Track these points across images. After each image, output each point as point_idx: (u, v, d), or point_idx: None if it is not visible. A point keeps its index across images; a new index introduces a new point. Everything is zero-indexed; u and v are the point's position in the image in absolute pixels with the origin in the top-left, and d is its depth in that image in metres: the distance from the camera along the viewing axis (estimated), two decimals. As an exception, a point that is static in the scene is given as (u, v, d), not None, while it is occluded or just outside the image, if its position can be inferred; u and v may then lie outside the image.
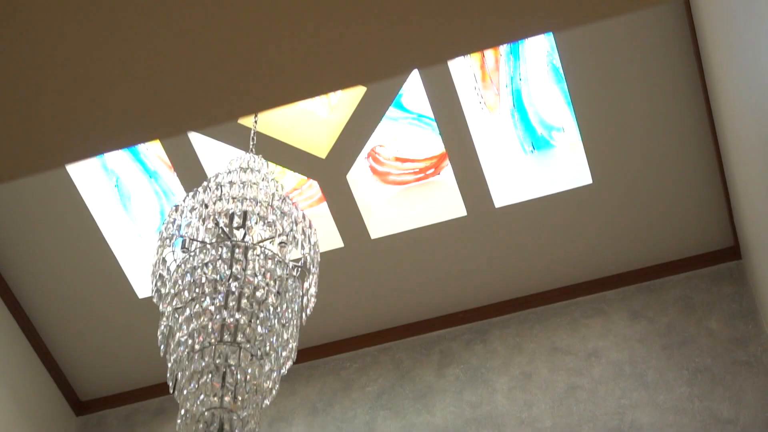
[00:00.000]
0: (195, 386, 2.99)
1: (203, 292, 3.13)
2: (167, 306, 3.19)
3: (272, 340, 3.14)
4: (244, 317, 3.10)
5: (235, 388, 3.00)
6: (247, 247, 3.23)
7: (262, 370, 3.09)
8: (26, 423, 4.78)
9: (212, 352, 3.03)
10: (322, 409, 4.80)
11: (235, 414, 2.98)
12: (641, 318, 4.67)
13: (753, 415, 4.20)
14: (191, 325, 3.09)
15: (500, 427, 4.48)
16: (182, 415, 2.97)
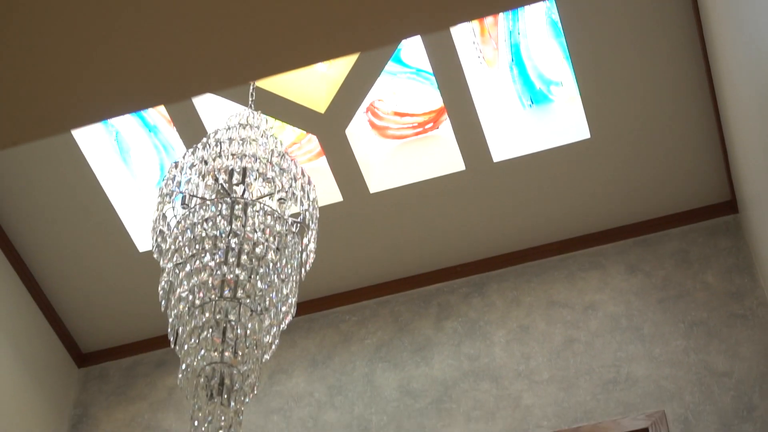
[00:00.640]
0: (196, 341, 3.03)
1: (203, 249, 3.16)
2: (168, 262, 3.22)
3: (272, 295, 3.17)
4: (243, 273, 3.13)
5: (235, 343, 3.04)
6: (247, 204, 3.26)
7: (261, 325, 3.12)
8: (29, 375, 4.83)
9: (212, 308, 3.07)
10: (322, 361, 4.85)
11: (235, 368, 3.02)
12: (638, 272, 4.70)
13: (748, 368, 4.24)
14: (192, 281, 3.13)
15: (498, 379, 4.53)
16: (183, 369, 3.01)
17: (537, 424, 4.33)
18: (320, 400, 4.71)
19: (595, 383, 4.39)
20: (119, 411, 4.99)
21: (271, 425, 4.68)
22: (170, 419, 4.85)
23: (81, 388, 5.16)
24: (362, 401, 4.64)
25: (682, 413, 4.19)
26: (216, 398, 2.95)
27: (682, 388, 4.26)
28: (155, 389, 5.02)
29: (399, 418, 4.52)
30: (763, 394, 4.14)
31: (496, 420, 4.39)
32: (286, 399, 4.75)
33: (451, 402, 4.52)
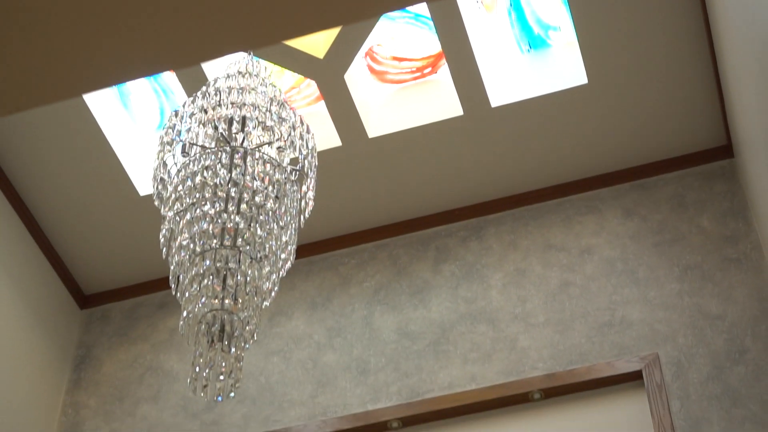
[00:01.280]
0: (196, 288, 3.09)
1: (203, 197, 3.21)
2: (168, 210, 3.27)
3: (271, 243, 3.22)
4: (243, 221, 3.18)
5: (235, 290, 3.09)
6: (246, 152, 3.30)
7: (261, 273, 3.18)
8: (32, 317, 4.90)
9: (213, 256, 3.12)
10: (321, 303, 4.92)
11: (235, 315, 3.08)
12: (634, 216, 4.75)
13: (741, 311, 4.31)
14: (192, 229, 3.18)
15: (494, 322, 4.60)
16: (184, 317, 3.07)
17: (532, 366, 4.40)
18: (319, 341, 4.78)
19: (590, 326, 4.46)
20: (121, 352, 5.07)
21: (271, 366, 4.75)
22: (172, 360, 4.93)
23: (83, 329, 5.23)
24: (361, 343, 4.71)
25: (675, 356, 4.26)
26: (216, 344, 3.01)
27: (675, 331, 4.33)
28: (157, 331, 5.09)
29: (397, 360, 4.60)
30: (755, 337, 4.21)
31: (493, 362, 4.46)
32: (285, 341, 4.83)
33: (448, 344, 4.59)
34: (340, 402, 4.54)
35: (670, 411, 4.08)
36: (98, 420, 4.85)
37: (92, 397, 4.94)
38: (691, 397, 4.12)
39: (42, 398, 4.84)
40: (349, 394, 4.55)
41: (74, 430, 4.84)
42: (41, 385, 4.86)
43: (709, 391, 4.11)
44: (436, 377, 4.49)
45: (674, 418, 4.07)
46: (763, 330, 4.22)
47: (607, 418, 4.20)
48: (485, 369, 4.45)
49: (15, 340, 4.75)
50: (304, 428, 4.49)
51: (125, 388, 4.92)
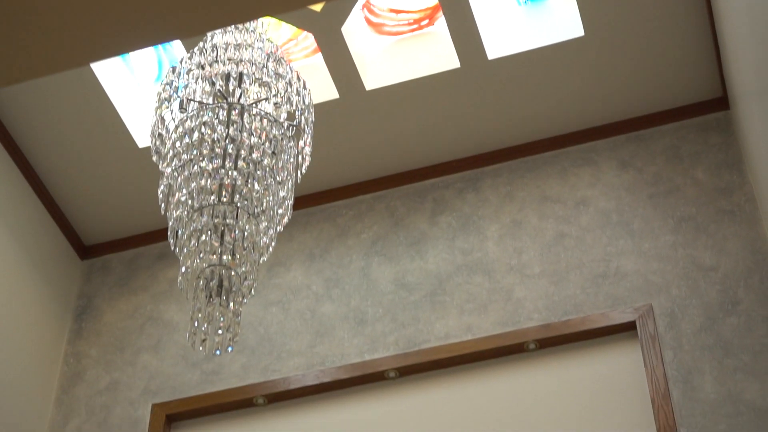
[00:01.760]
0: (195, 244, 3.13)
1: (201, 153, 3.24)
2: (167, 166, 3.30)
3: (268, 198, 3.26)
4: (240, 177, 3.21)
5: (233, 245, 3.13)
6: (243, 108, 3.32)
7: (258, 228, 3.22)
8: (33, 268, 4.94)
9: (211, 212, 3.16)
10: (319, 255, 4.96)
11: (233, 270, 3.12)
12: (629, 167, 4.78)
13: (734, 263, 4.35)
14: (190, 185, 3.21)
15: (490, 273, 4.65)
16: (183, 272, 3.11)
17: (528, 317, 4.46)
18: (317, 292, 4.83)
19: (584, 277, 4.50)
20: (122, 302, 5.12)
21: (270, 317, 4.81)
22: (172, 311, 4.98)
23: (84, 279, 5.28)
24: (358, 294, 4.77)
25: (668, 307, 4.31)
26: (215, 299, 3.06)
27: (669, 282, 4.38)
28: (156, 281, 5.14)
29: (394, 311, 4.65)
30: (747, 289, 4.25)
31: (489, 313, 4.52)
32: (284, 291, 4.88)
33: (444, 295, 4.64)
34: (338, 352, 4.60)
35: (663, 361, 4.14)
36: (99, 369, 4.91)
37: (93, 347, 5.00)
38: (683, 347, 4.18)
39: (44, 348, 4.90)
40: (346, 344, 4.61)
41: (76, 379, 4.91)
42: (43, 335, 4.92)
43: (702, 342, 4.17)
44: (432, 328, 4.55)
45: (667, 368, 4.13)
46: (756, 281, 4.27)
47: (600, 368, 4.26)
48: (481, 320, 4.51)
49: (17, 291, 4.80)
50: (302, 378, 4.55)
51: (126, 338, 4.98)
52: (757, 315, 4.17)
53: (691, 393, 4.05)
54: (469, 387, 4.37)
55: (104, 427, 4.69)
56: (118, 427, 4.67)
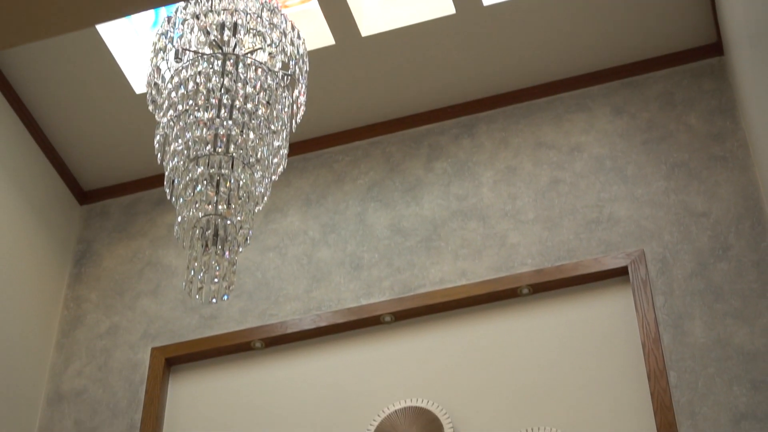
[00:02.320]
0: (191, 194, 3.17)
1: (196, 104, 3.27)
2: (163, 116, 3.33)
3: (263, 148, 3.30)
4: (235, 127, 3.25)
5: (228, 195, 3.18)
6: (238, 58, 3.35)
7: (253, 178, 3.26)
8: (33, 214, 4.99)
9: (206, 162, 3.20)
10: (316, 200, 5.01)
11: (228, 220, 3.17)
12: (623, 113, 4.81)
13: (725, 209, 4.40)
14: (186, 135, 3.25)
15: (485, 218, 4.69)
16: (179, 221, 3.16)
17: (522, 263, 4.51)
18: (314, 238, 4.88)
19: (578, 223, 4.55)
20: (121, 247, 5.18)
21: (267, 262, 4.87)
22: (170, 256, 5.04)
23: (83, 225, 5.33)
24: (355, 239, 4.82)
25: (660, 252, 4.36)
26: (211, 248, 3.11)
27: (661, 228, 4.42)
28: (155, 226, 5.19)
29: (390, 256, 4.71)
30: (738, 234, 4.30)
31: (483, 258, 4.57)
32: (281, 237, 4.93)
33: (439, 240, 4.69)
34: (334, 297, 4.66)
35: (654, 306, 4.20)
36: (99, 313, 4.98)
37: (93, 291, 5.06)
38: (674, 292, 4.23)
39: (44, 292, 4.97)
40: (343, 289, 4.67)
41: (76, 323, 4.98)
42: (43, 280, 4.98)
43: (693, 287, 4.23)
44: (427, 273, 4.61)
45: (658, 313, 4.19)
46: (747, 227, 4.31)
47: (593, 312, 4.32)
48: (475, 265, 4.56)
49: (17, 237, 4.85)
50: (299, 322, 4.61)
51: (125, 283, 5.05)
52: (747, 260, 4.23)
53: (681, 337, 4.11)
54: (463, 331, 4.43)
55: (104, 371, 4.76)
56: (118, 370, 4.74)
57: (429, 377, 4.35)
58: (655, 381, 4.02)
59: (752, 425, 3.85)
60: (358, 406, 4.35)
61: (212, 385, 4.61)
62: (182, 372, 4.70)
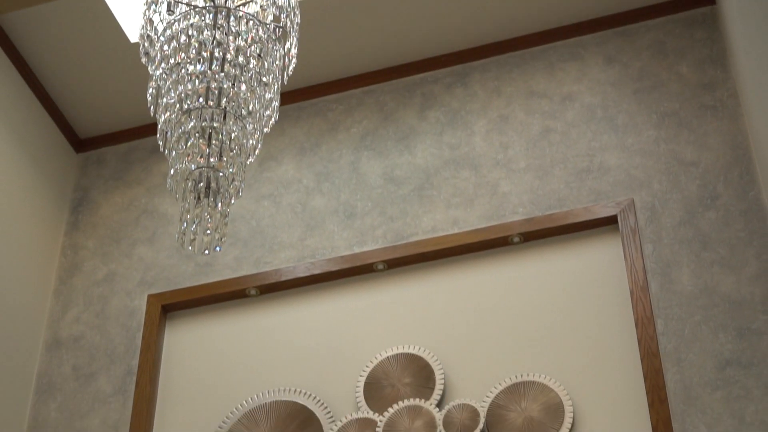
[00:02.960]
0: (183, 146, 3.21)
1: (188, 57, 3.30)
2: (155, 69, 3.36)
3: (255, 101, 3.33)
4: (227, 81, 3.28)
5: (220, 148, 3.22)
6: (230, 11, 3.37)
7: (245, 131, 3.30)
8: (29, 162, 5.03)
9: (199, 115, 3.23)
10: (310, 149, 5.05)
11: (220, 172, 3.21)
12: (615, 62, 4.84)
13: (714, 158, 4.44)
14: (178, 88, 3.28)
15: (477, 167, 4.74)
16: (172, 174, 3.20)
17: (513, 211, 4.56)
18: (308, 186, 4.93)
19: (569, 172, 4.60)
20: (117, 195, 5.23)
21: (262, 210, 4.92)
22: (166, 203, 5.09)
23: (80, 173, 5.38)
24: (348, 188, 4.87)
25: (649, 201, 4.41)
26: (203, 201, 3.16)
27: (651, 177, 4.47)
28: (151, 174, 5.23)
29: (383, 204, 4.76)
30: (726, 184, 4.35)
31: (475, 207, 4.62)
32: (275, 185, 4.98)
33: (432, 189, 4.74)
34: (328, 245, 4.72)
35: (643, 254, 4.26)
36: (96, 260, 5.04)
37: (90, 239, 5.12)
38: (663, 241, 4.29)
39: (42, 240, 5.02)
40: (336, 237, 4.73)
41: (73, 271, 5.04)
42: (41, 228, 5.03)
43: (681, 236, 4.28)
44: (420, 221, 4.66)
45: (646, 261, 4.25)
46: (735, 176, 4.36)
47: (582, 261, 4.38)
48: (467, 213, 4.61)
49: (14, 185, 4.90)
50: (293, 270, 4.68)
51: (122, 230, 5.10)
52: (735, 209, 4.28)
53: (669, 285, 4.18)
54: (454, 279, 4.49)
55: (102, 317, 4.83)
56: (115, 317, 4.81)
57: (421, 324, 4.42)
58: (642, 328, 4.09)
59: (737, 372, 3.92)
60: (351, 352, 4.42)
61: (208, 332, 4.68)
62: (178, 318, 4.77)
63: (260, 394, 4.41)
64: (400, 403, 4.19)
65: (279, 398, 4.38)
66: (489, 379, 4.19)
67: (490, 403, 4.12)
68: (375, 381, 4.29)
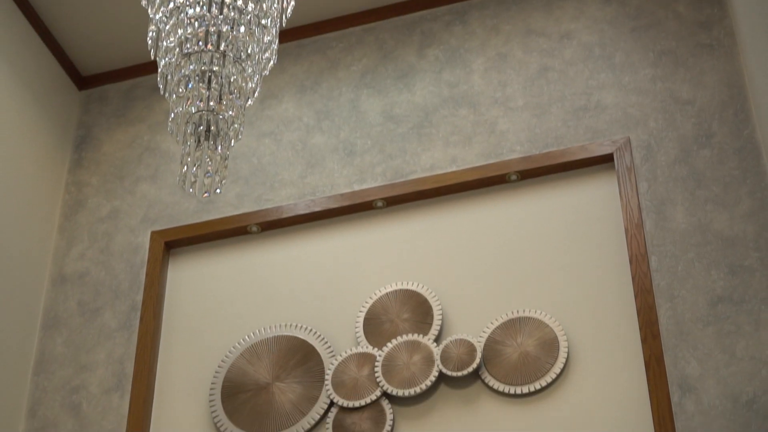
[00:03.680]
0: (183, 90, 3.27)
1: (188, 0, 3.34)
2: (155, 12, 3.40)
3: (253, 44, 3.38)
4: (226, 24, 3.32)
5: (220, 91, 3.27)
6: (228, -46, 3.40)
7: (244, 74, 3.35)
8: (32, 99, 5.08)
9: (198, 58, 3.28)
10: (310, 87, 5.09)
11: (220, 115, 3.27)
12: (613, 1, 4.86)
13: (710, 96, 4.48)
14: (177, 32, 3.33)
15: (475, 105, 4.79)
16: (172, 117, 3.26)
17: (510, 149, 4.62)
18: (308, 124, 4.98)
19: (566, 110, 4.64)
20: (120, 132, 5.28)
21: (263, 148, 4.98)
22: (168, 141, 5.14)
23: (83, 110, 5.43)
24: (348, 126, 4.92)
25: (645, 139, 4.46)
26: (203, 143, 3.22)
27: (647, 116, 4.52)
28: (153, 112, 5.29)
29: (382, 142, 4.81)
30: (721, 122, 4.40)
31: (473, 145, 4.68)
32: (276, 123, 5.03)
33: (431, 127, 4.79)
34: (328, 182, 4.78)
35: (638, 192, 4.32)
36: (100, 197, 5.11)
37: (94, 176, 5.18)
38: (658, 179, 4.35)
39: (46, 177, 5.09)
40: (336, 175, 4.79)
41: (77, 207, 5.11)
42: (45, 165, 5.09)
43: (676, 174, 4.34)
44: (418, 159, 4.72)
45: (641, 199, 4.31)
46: (730, 115, 4.40)
47: (578, 198, 4.44)
48: (465, 151, 4.67)
49: (17, 123, 4.95)
50: (294, 207, 4.74)
51: (125, 168, 5.16)
52: (730, 147, 4.33)
53: (663, 223, 4.24)
54: (452, 216, 4.56)
55: (106, 253, 4.91)
56: (119, 253, 4.89)
57: (419, 261, 4.49)
58: (636, 265, 4.16)
59: (728, 308, 4.00)
60: (350, 288, 4.51)
61: (210, 268, 4.76)
62: (181, 255, 4.85)
63: (262, 329, 4.51)
64: (399, 339, 4.29)
65: (280, 333, 4.47)
66: (486, 315, 4.28)
67: (486, 338, 4.21)
68: (374, 317, 4.38)
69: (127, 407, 4.47)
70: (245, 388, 4.38)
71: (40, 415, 4.59)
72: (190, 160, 3.21)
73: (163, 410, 4.48)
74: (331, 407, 4.24)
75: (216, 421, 4.33)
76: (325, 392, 4.27)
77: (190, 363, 4.55)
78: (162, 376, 4.56)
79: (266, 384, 4.36)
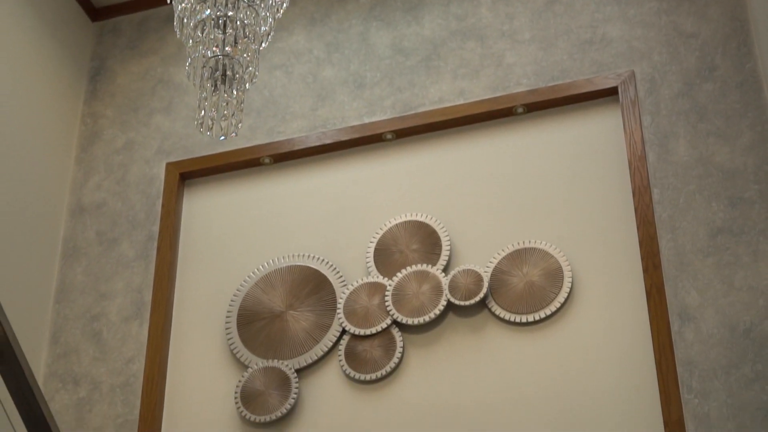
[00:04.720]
0: (199, 36, 3.37)
1: (202, -54, 3.42)
2: (169, -43, 3.48)
3: (267, -12, 3.46)
4: (240, -31, 3.40)
5: (234, 36, 3.37)
6: None
7: (257, 17, 3.44)
8: (46, 31, 5.15)
9: (213, 3, 3.37)
10: (320, 19, 5.16)
11: (235, 59, 3.37)
12: (619, -67, 4.90)
13: (713, 30, 4.55)
14: (193, -24, 3.41)
15: (483, 38, 4.86)
16: (189, 62, 3.36)
17: (517, 82, 4.70)
18: (319, 57, 5.06)
19: (572, 43, 4.72)
20: (133, 64, 5.37)
21: (275, 80, 5.07)
22: (181, 74, 5.23)
23: (96, 41, 5.51)
24: (357, 58, 5.00)
25: (649, 73, 4.54)
26: (219, 87, 3.33)
27: (651, 49, 4.59)
28: (166, 44, 5.36)
29: (391, 75, 4.90)
30: (725, 55, 4.47)
31: (480, 78, 4.76)
32: (287, 55, 5.11)
33: (439, 60, 4.87)
34: (339, 115, 4.88)
35: (641, 125, 4.41)
36: (115, 129, 5.21)
37: (109, 108, 5.28)
38: (661, 112, 4.44)
39: (62, 109, 5.18)
40: (346, 108, 4.89)
41: (94, 139, 5.22)
42: (60, 97, 5.19)
43: (679, 107, 4.43)
44: (427, 92, 4.81)
45: (645, 132, 4.41)
46: (733, 48, 4.47)
47: (583, 131, 4.53)
48: (473, 84, 4.76)
49: (32, 55, 5.03)
50: (305, 139, 4.85)
51: (139, 99, 5.26)
52: (732, 81, 4.41)
53: (666, 155, 4.34)
54: (460, 149, 4.66)
55: (122, 185, 5.04)
56: (135, 184, 5.01)
57: (428, 193, 4.61)
58: (639, 197, 4.27)
59: (727, 239, 4.12)
60: (360, 219, 4.63)
61: (224, 199, 4.88)
62: (196, 186, 4.97)
63: (275, 259, 4.64)
64: (408, 269, 4.43)
65: (293, 263, 4.61)
66: (492, 246, 4.41)
67: (493, 268, 4.34)
68: (384, 247, 4.51)
69: (146, 335, 4.63)
70: (260, 316, 4.53)
71: (62, 342, 4.75)
72: (207, 105, 3.31)
73: (180, 338, 4.64)
74: (343, 335, 4.40)
75: (232, 347, 4.49)
76: (337, 320, 4.42)
77: (206, 292, 4.69)
78: (179, 304, 4.71)
79: (280, 312, 4.51)
